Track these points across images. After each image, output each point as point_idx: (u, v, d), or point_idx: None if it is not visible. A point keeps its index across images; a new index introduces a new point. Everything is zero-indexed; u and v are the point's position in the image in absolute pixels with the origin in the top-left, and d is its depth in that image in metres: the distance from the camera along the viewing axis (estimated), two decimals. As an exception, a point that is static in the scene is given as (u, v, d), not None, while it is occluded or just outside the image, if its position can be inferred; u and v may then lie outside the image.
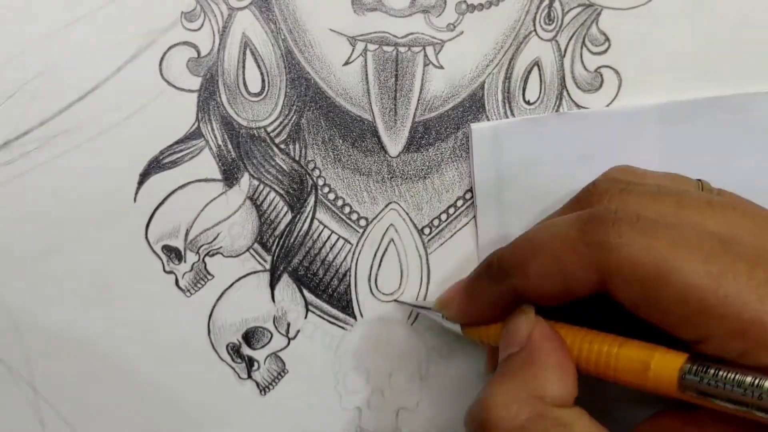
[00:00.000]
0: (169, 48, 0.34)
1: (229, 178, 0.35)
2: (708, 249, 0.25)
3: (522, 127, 0.30)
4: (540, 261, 0.28)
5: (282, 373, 0.36)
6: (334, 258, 0.36)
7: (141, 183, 0.34)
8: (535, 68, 0.36)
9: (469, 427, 0.28)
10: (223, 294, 0.35)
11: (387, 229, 0.36)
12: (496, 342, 0.31)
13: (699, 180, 0.32)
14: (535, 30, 0.36)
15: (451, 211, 0.36)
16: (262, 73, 0.35)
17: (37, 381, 0.34)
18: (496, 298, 0.30)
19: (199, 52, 0.34)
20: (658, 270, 0.25)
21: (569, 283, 0.27)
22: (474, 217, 0.36)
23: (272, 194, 0.35)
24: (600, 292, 0.27)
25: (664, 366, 0.26)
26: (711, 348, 0.25)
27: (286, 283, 0.36)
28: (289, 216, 0.35)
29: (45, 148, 0.33)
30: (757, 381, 0.24)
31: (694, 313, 0.24)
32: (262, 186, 0.35)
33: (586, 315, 0.29)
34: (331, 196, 0.36)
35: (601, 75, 0.36)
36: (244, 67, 0.35)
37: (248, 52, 0.34)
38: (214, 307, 0.35)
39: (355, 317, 0.36)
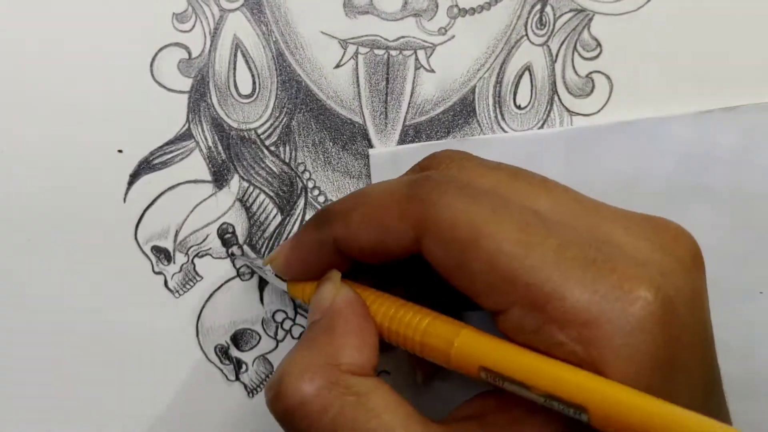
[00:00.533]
0: (160, 49, 0.34)
1: (219, 179, 0.35)
2: (525, 221, 0.24)
3: (421, 152, 0.30)
4: (362, 210, 0.27)
5: (270, 376, 0.36)
6: (324, 261, 0.36)
7: (131, 184, 0.34)
8: (527, 73, 0.36)
9: (266, 398, 0.27)
10: (212, 295, 0.35)
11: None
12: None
13: None
14: (526, 34, 0.36)
15: (441, 214, 0.36)
16: (253, 75, 0.35)
17: (24, 381, 0.34)
18: (318, 248, 0.30)
19: (190, 54, 0.34)
20: (471, 232, 0.24)
21: (385, 237, 0.27)
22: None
23: (262, 196, 0.35)
24: (414, 253, 0.26)
25: (468, 345, 0.25)
26: (509, 321, 0.24)
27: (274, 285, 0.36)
28: (279, 218, 0.35)
29: (34, 149, 0.33)
30: None
31: (499, 280, 0.24)
32: (251, 188, 0.35)
33: (408, 287, 0.29)
34: (321, 199, 0.36)
35: (593, 80, 0.36)
36: (235, 68, 0.35)
37: (239, 53, 0.35)
38: (202, 308, 0.35)
39: (343, 320, 0.36)
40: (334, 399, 0.25)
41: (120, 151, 0.34)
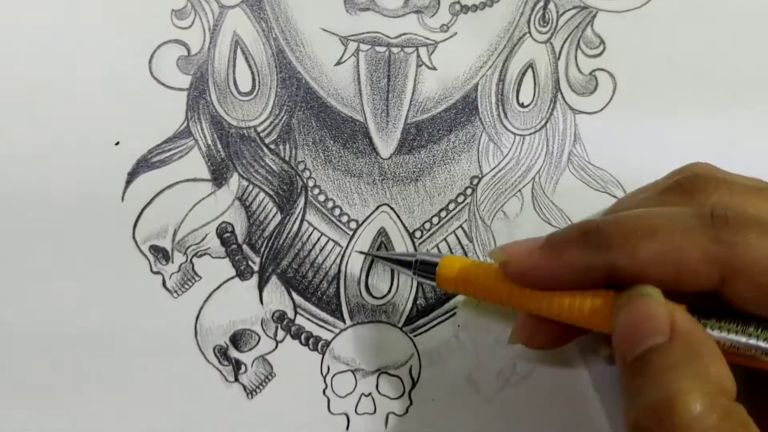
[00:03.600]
0: (159, 46, 0.34)
1: (218, 178, 0.34)
2: None
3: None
4: (655, 244, 0.26)
5: (269, 377, 0.35)
6: (324, 260, 0.35)
7: (129, 182, 0.34)
8: (530, 70, 0.36)
9: (642, 424, 0.25)
10: (210, 295, 0.35)
11: (378, 231, 0.36)
12: (561, 315, 0.28)
13: None
14: (529, 32, 0.35)
15: (443, 214, 0.36)
16: (252, 72, 0.34)
17: (23, 381, 0.34)
18: (584, 271, 0.27)
19: (189, 51, 0.34)
20: None
21: (683, 275, 0.26)
22: (466, 220, 0.36)
23: (261, 195, 0.35)
24: (707, 290, 0.26)
25: None
26: None
27: (274, 285, 0.35)
28: (279, 217, 0.35)
29: (32, 147, 0.33)
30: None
31: None
32: (251, 186, 0.35)
33: None
34: (321, 198, 0.35)
35: (596, 78, 0.36)
36: (234, 65, 0.34)
37: (239, 50, 0.34)
38: (201, 308, 0.35)
39: (344, 320, 0.36)
40: (731, 429, 0.24)
41: (117, 143, 0.33)
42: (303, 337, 0.35)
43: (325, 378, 0.36)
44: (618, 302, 0.27)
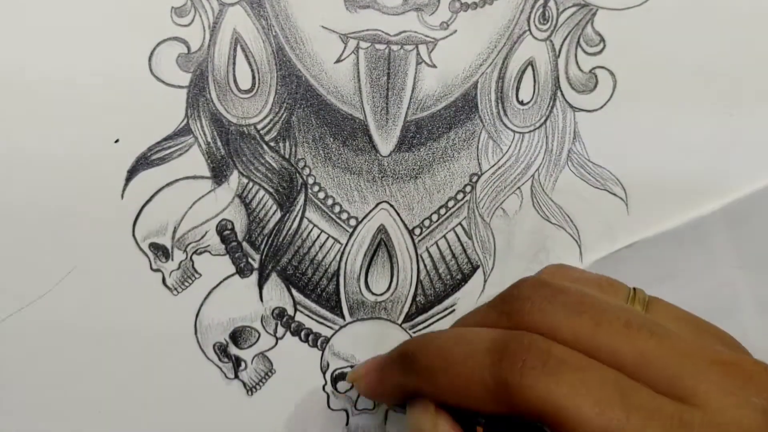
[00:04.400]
0: (159, 43, 0.33)
1: (218, 175, 0.34)
2: (606, 399, 0.25)
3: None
4: (449, 380, 0.28)
5: (269, 373, 0.36)
6: (324, 257, 0.35)
7: (128, 180, 0.34)
8: (529, 68, 0.36)
9: None
10: (210, 293, 0.35)
11: (377, 229, 0.36)
12: None
13: (633, 288, 0.31)
14: (529, 29, 0.35)
15: (443, 211, 0.36)
16: (252, 70, 0.34)
17: (23, 380, 0.34)
18: (401, 389, 0.30)
19: (189, 48, 0.34)
20: (555, 416, 0.25)
21: (472, 404, 0.27)
22: (465, 217, 0.36)
23: (261, 192, 0.35)
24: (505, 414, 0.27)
25: None
26: None
27: (274, 282, 0.35)
28: (279, 215, 0.35)
29: (31, 145, 0.33)
30: None
31: None
32: (251, 184, 0.35)
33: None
34: (321, 195, 0.35)
35: (596, 76, 0.36)
36: (234, 63, 0.34)
37: (239, 48, 0.34)
38: (201, 306, 0.35)
39: (343, 317, 0.36)
40: None
41: (117, 141, 0.33)
42: (303, 333, 0.36)
43: (324, 374, 0.36)
44: (409, 404, 0.30)
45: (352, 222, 0.35)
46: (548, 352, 0.26)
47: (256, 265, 0.35)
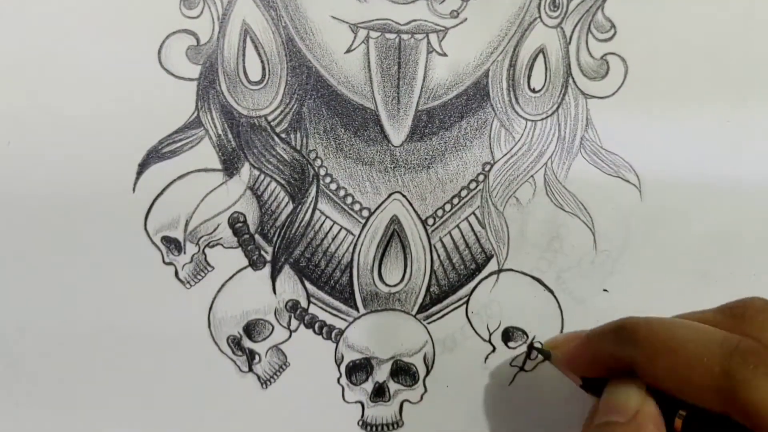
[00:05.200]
0: (168, 36, 0.33)
1: (230, 167, 0.34)
2: None
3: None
4: (672, 361, 0.28)
5: (283, 366, 0.35)
6: (336, 249, 0.35)
7: (140, 173, 0.34)
8: (540, 55, 0.35)
9: None
10: (223, 286, 0.35)
11: (390, 219, 0.35)
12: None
13: None
14: (540, 17, 0.35)
15: (456, 201, 0.36)
16: (262, 61, 0.34)
17: (37, 375, 0.34)
18: (612, 361, 0.30)
19: (198, 40, 0.34)
20: None
21: (689, 395, 0.27)
22: (478, 206, 0.36)
23: (273, 184, 0.35)
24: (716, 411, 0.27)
25: None
26: None
27: (287, 274, 0.35)
28: (291, 206, 0.35)
29: (42, 139, 0.33)
30: None
31: None
32: (262, 176, 0.34)
33: None
34: (333, 186, 0.35)
35: (607, 62, 0.36)
36: (244, 55, 0.34)
37: (248, 39, 0.34)
38: (214, 299, 0.35)
39: (357, 309, 0.36)
40: None
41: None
42: (317, 326, 0.35)
43: (339, 367, 0.36)
44: (610, 382, 0.30)
45: (365, 213, 0.35)
46: None
47: (268, 257, 0.35)
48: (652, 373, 0.28)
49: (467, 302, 0.36)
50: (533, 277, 0.36)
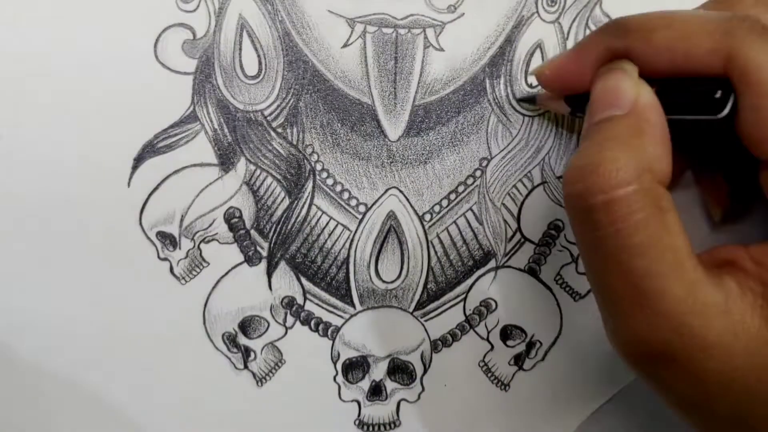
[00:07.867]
0: (164, 29, 0.33)
1: (225, 162, 0.34)
2: None
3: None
4: (668, 32, 0.27)
5: (279, 364, 0.35)
6: (333, 245, 0.35)
7: (135, 168, 0.33)
8: (538, 51, 0.35)
9: (571, 187, 0.26)
10: (218, 282, 0.34)
11: (387, 215, 0.35)
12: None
13: None
14: (537, 12, 0.35)
15: (453, 197, 0.35)
16: (259, 56, 0.34)
17: (32, 371, 0.34)
18: (605, 54, 0.29)
19: (194, 34, 0.34)
20: (755, 73, 0.25)
21: (689, 65, 0.27)
22: (476, 202, 0.35)
23: (269, 179, 0.34)
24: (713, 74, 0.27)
25: None
26: None
27: (283, 270, 0.35)
28: (287, 202, 0.35)
29: (36, 133, 0.33)
30: None
31: None
32: (258, 171, 0.34)
33: None
34: (330, 182, 0.35)
35: (605, 58, 0.36)
36: (240, 49, 0.34)
37: (245, 33, 0.34)
38: (209, 295, 0.34)
39: (354, 306, 0.35)
40: (643, 206, 0.25)
41: None
42: (313, 323, 0.35)
43: (335, 364, 0.35)
44: (598, 72, 0.29)
45: (362, 208, 0.35)
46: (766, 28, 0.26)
47: (264, 253, 0.35)
48: (650, 54, 0.27)
49: (465, 299, 0.36)
50: (531, 274, 0.35)
